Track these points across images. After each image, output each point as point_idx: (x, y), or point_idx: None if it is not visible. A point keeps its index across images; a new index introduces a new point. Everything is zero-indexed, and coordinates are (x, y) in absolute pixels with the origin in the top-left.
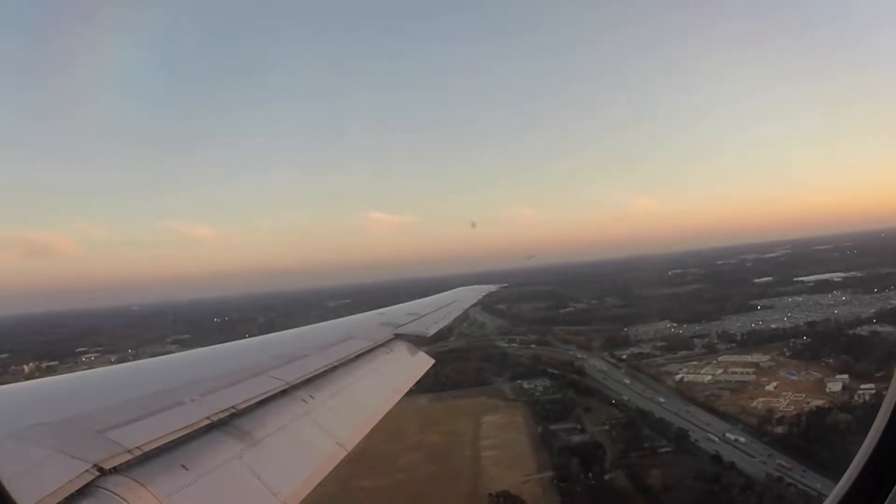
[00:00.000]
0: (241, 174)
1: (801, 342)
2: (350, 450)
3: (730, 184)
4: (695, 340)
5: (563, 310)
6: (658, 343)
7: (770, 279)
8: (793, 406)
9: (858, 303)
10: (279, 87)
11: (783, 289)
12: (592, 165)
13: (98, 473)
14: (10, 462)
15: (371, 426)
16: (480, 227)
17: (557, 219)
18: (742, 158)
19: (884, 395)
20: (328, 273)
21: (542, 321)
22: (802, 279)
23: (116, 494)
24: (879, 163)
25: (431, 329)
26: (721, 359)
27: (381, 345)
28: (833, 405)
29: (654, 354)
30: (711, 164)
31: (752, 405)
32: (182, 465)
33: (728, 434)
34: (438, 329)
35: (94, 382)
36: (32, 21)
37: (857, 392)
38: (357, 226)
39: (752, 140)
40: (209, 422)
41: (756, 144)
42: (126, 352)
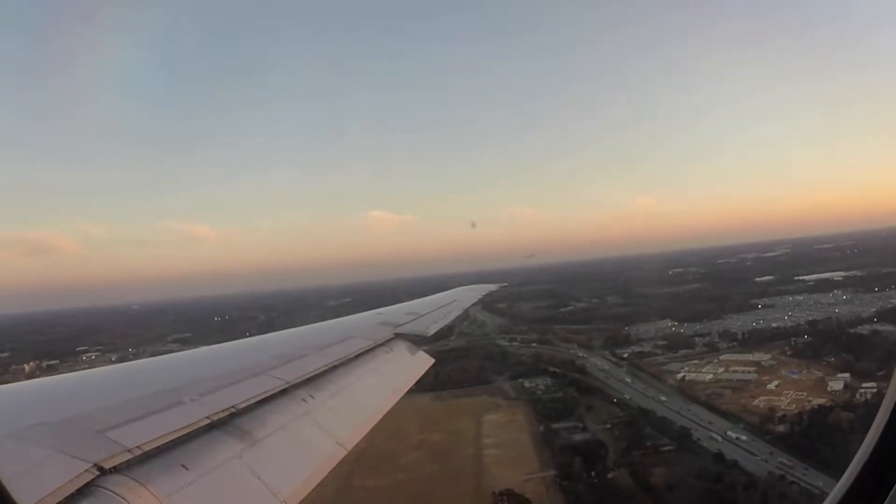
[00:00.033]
0: (241, 174)
1: (803, 341)
2: (350, 449)
3: (730, 183)
4: (696, 339)
5: (564, 308)
6: (659, 342)
7: (771, 278)
8: (794, 404)
9: (859, 301)
10: (279, 87)
11: (784, 288)
12: (592, 165)
13: (98, 473)
14: (10, 462)
15: (371, 426)
16: (480, 227)
17: (557, 218)
18: (742, 158)
19: (885, 394)
20: (328, 272)
21: (543, 320)
22: (803, 278)
23: (116, 494)
24: (879, 162)
25: (431, 328)
26: (722, 357)
27: (381, 344)
28: (834, 404)
29: (656, 353)
30: (711, 164)
31: (754, 404)
32: (182, 465)
33: (730, 432)
34: (439, 328)
35: (94, 382)
36: (32, 21)
37: (859, 391)
38: (357, 225)
39: (752, 140)
40: (209, 421)
41: (756, 144)
42: (126, 351)
